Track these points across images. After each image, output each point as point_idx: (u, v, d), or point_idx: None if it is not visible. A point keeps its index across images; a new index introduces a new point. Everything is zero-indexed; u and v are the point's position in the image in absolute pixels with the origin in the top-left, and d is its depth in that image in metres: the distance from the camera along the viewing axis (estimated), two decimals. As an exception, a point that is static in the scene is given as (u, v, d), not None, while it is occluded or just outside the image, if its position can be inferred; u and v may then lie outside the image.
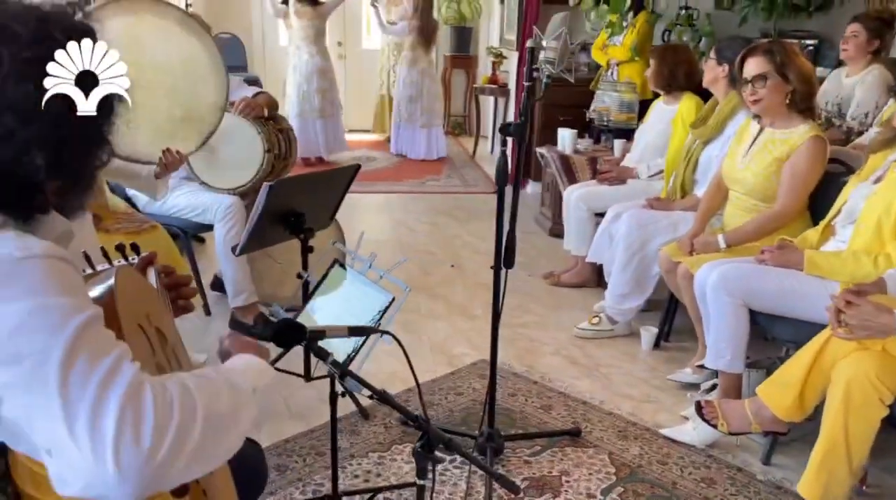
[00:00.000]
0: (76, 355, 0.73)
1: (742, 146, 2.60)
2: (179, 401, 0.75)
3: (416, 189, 5.82)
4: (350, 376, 1.43)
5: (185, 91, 2.54)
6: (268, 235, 2.40)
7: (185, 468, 0.75)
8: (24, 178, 0.83)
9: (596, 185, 3.67)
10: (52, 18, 0.87)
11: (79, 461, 0.70)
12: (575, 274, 3.69)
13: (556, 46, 1.93)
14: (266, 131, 3.04)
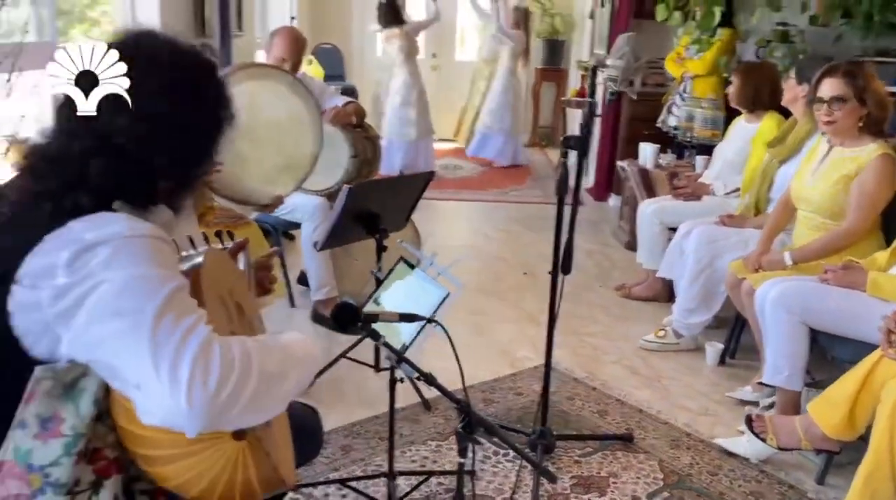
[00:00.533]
0: (164, 315, 0.91)
1: (811, 165, 2.60)
2: (240, 358, 0.93)
3: (497, 198, 5.96)
4: (404, 361, 1.58)
5: (289, 144, 2.84)
6: (346, 234, 2.60)
7: (241, 412, 0.92)
8: (147, 175, 1.03)
9: (671, 200, 3.70)
10: (190, 51, 1.09)
11: (160, 396, 0.88)
12: (646, 288, 3.72)
13: (619, 65, 2.03)
14: (353, 138, 3.25)
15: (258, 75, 2.77)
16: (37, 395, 0.98)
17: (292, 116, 2.83)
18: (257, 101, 2.73)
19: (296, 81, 2.87)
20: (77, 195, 0.99)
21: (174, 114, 1.05)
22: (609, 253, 4.52)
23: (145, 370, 0.89)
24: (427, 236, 4.69)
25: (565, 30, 8.17)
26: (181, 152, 1.07)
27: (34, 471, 0.98)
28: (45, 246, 0.95)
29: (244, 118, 2.77)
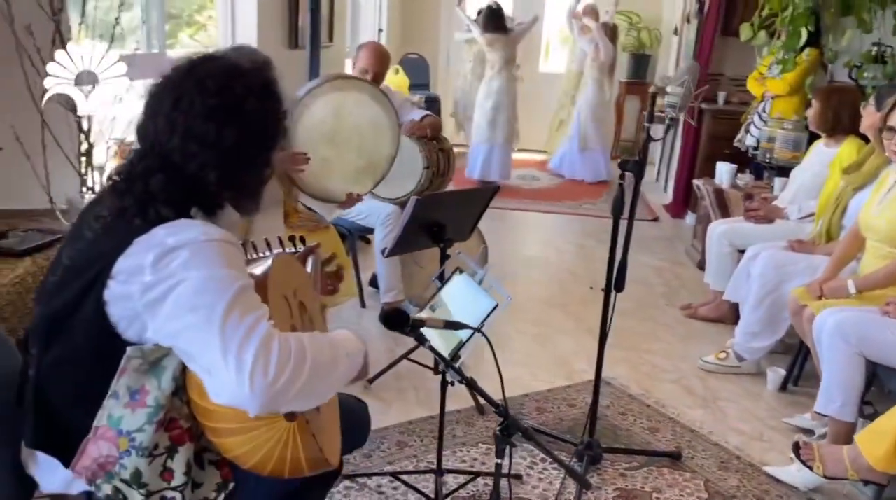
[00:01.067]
0: (232, 311, 1.07)
1: (879, 194, 2.57)
2: (296, 351, 1.08)
3: (571, 211, 6.00)
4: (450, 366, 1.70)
5: (370, 147, 3.09)
6: (413, 242, 2.74)
7: (295, 397, 1.07)
8: (204, 187, 1.20)
9: (742, 221, 3.67)
10: (239, 76, 1.22)
11: (228, 381, 1.05)
12: (713, 308, 3.71)
13: (679, 92, 2.09)
14: (427, 150, 3.41)
15: (344, 86, 3.00)
16: (128, 370, 1.16)
17: (373, 122, 3.05)
18: (342, 109, 2.97)
19: (377, 91, 3.08)
20: (156, 207, 1.16)
21: (220, 135, 1.19)
22: (679, 272, 4.51)
23: (215, 358, 1.05)
24: (498, 246, 4.81)
25: (652, 44, 8.12)
26: (228, 168, 1.22)
27: (122, 435, 1.16)
28: (135, 248, 1.13)
29: (330, 124, 3.01)
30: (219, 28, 4.19)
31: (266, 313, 1.11)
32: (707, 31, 5.62)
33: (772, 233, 3.45)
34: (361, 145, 3.03)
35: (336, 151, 2.96)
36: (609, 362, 3.18)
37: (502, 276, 4.23)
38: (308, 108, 2.87)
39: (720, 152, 5.34)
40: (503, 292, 1.91)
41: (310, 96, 2.87)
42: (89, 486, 1.18)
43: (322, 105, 2.90)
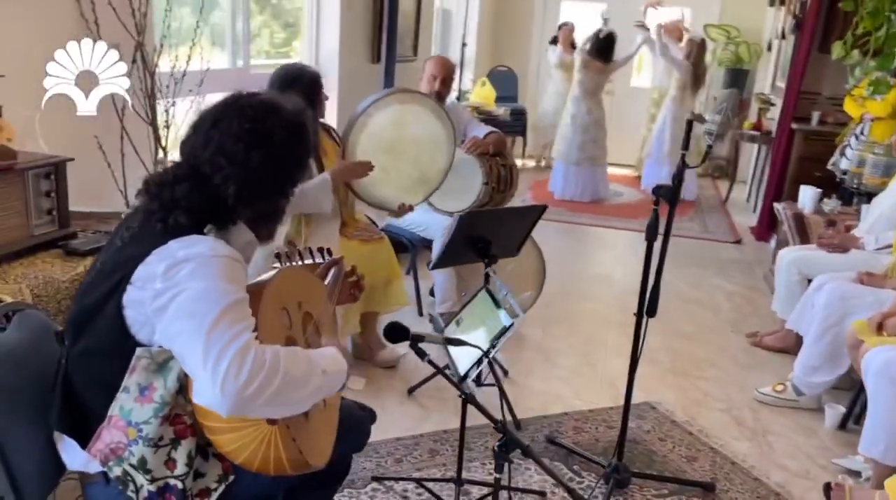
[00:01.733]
0: (220, 321, 1.18)
1: (949, 230, 2.42)
2: (270, 363, 1.18)
3: (649, 229, 5.88)
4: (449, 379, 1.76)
5: (426, 159, 3.19)
6: (458, 256, 2.82)
7: (264, 405, 1.17)
8: (222, 200, 1.32)
9: (815, 249, 3.52)
10: (275, 111, 1.37)
11: (204, 383, 1.16)
12: (779, 338, 3.58)
13: (717, 120, 2.06)
14: (487, 166, 3.48)
15: (406, 100, 3.10)
16: (137, 369, 1.30)
17: (431, 135, 3.16)
18: (402, 121, 3.08)
19: (438, 107, 3.18)
20: (177, 214, 1.30)
21: (247, 155, 1.34)
22: (753, 297, 4.35)
23: (198, 362, 1.17)
24: (565, 261, 4.82)
25: (750, 59, 7.84)
26: (247, 186, 1.34)
27: (132, 426, 1.30)
28: (152, 258, 1.27)
29: (390, 135, 3.14)
30: (303, 41, 4.42)
31: (251, 326, 1.22)
32: (802, 48, 5.39)
33: (844, 263, 3.28)
34: (418, 157, 3.14)
35: (394, 160, 3.08)
36: (659, 386, 3.16)
37: (563, 292, 4.24)
38: (371, 117, 2.98)
39: (810, 175, 5.11)
40: (517, 309, 1.95)
41: (374, 107, 2.98)
42: (103, 467, 1.32)
43: (384, 116, 3.01)
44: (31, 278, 1.78)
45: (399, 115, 3.05)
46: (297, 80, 2.77)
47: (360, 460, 2.44)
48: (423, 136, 3.12)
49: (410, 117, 3.08)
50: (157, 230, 1.31)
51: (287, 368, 1.20)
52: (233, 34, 3.68)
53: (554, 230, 5.69)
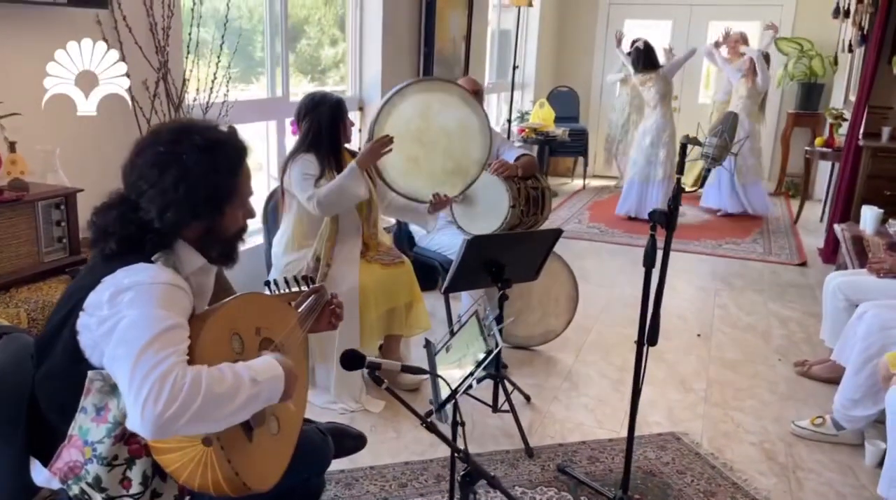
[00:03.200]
0: (149, 347, 1.23)
1: None
2: (189, 385, 1.21)
3: (707, 250, 5.69)
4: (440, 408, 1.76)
5: (458, 149, 3.18)
6: (471, 280, 2.83)
7: (188, 424, 1.20)
8: (149, 224, 1.39)
9: (865, 274, 3.31)
10: (187, 133, 1.42)
11: (129, 407, 1.21)
12: (826, 368, 3.37)
13: (714, 143, 1.98)
14: (514, 190, 3.46)
15: (433, 88, 3.10)
16: (92, 390, 1.37)
17: (461, 124, 3.15)
18: (429, 110, 3.09)
19: (466, 93, 3.16)
20: (109, 242, 1.37)
21: (161, 178, 1.39)
22: (808, 324, 4.12)
23: (125, 387, 1.23)
24: (608, 284, 4.71)
25: (825, 73, 7.48)
26: (168, 208, 1.39)
27: (87, 445, 1.37)
28: (101, 286, 1.34)
29: (417, 124, 3.18)
30: (349, 68, 4.55)
31: (181, 351, 1.26)
32: (869, 61, 5.11)
33: (893, 290, 3.08)
34: (449, 147, 3.14)
35: (424, 151, 3.09)
36: (689, 416, 3.05)
37: (602, 315, 4.15)
38: (396, 107, 3.00)
39: (880, 193, 4.85)
40: (497, 337, 1.93)
41: (398, 95, 3.00)
42: (63, 485, 1.40)
43: (409, 105, 3.02)
44: (32, 302, 1.91)
45: (424, 104, 3.05)
46: (321, 104, 2.87)
47: (364, 483, 2.47)
48: (453, 125, 3.12)
49: (438, 106, 3.07)
50: (100, 258, 1.38)
51: (210, 386, 1.24)
52: (272, 60, 3.82)
53: (608, 252, 5.59)
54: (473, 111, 3.16)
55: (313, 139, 2.89)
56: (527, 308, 3.60)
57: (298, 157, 2.88)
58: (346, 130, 2.99)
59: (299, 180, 2.83)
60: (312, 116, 2.90)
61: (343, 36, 4.49)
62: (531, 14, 7.72)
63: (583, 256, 5.36)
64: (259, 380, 1.32)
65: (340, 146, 2.98)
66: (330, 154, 2.92)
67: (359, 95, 4.56)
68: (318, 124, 2.89)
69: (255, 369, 1.33)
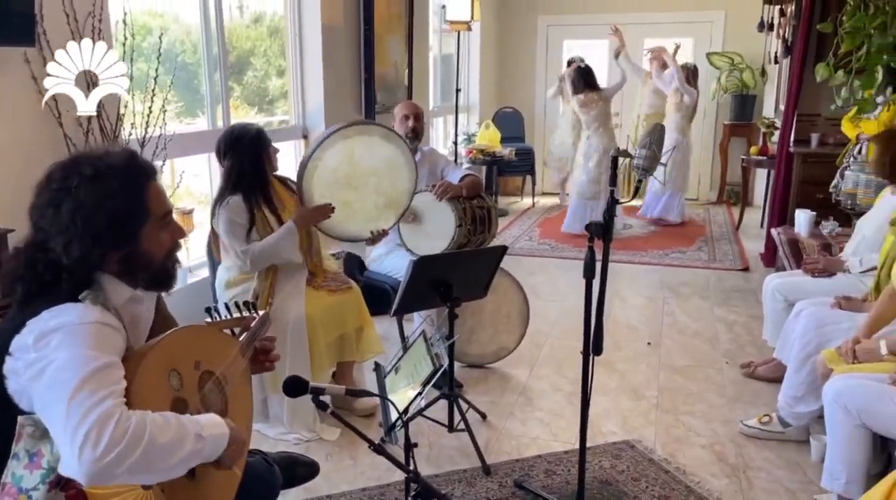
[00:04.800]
0: (82, 389, 1.20)
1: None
2: (132, 431, 1.18)
3: (654, 260, 5.80)
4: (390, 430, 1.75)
5: (387, 184, 3.24)
6: (420, 301, 2.83)
7: (126, 472, 1.17)
8: (58, 262, 1.35)
9: (800, 275, 3.42)
10: (72, 165, 1.39)
11: (64, 451, 1.17)
12: (772, 367, 3.46)
13: (644, 154, 2.04)
14: (460, 209, 3.49)
15: (351, 134, 3.08)
16: (23, 436, 1.33)
17: (387, 160, 3.20)
18: (354, 155, 3.10)
19: (386, 130, 3.20)
20: (21, 288, 1.34)
21: (57, 214, 1.35)
22: (753, 326, 4.23)
23: (59, 430, 1.19)
24: (559, 297, 4.77)
25: (755, 84, 7.77)
26: (72, 243, 1.35)
27: (22, 492, 1.33)
28: (26, 328, 1.30)
29: (345, 171, 3.17)
30: (291, 97, 4.54)
31: (118, 391, 1.23)
32: (795, 71, 5.32)
33: (828, 288, 3.19)
34: (379, 185, 3.20)
35: (356, 194, 3.13)
36: (642, 423, 3.09)
37: (553, 330, 4.19)
38: (321, 160, 3.01)
39: (812, 198, 5.01)
40: (443, 355, 1.93)
41: (320, 149, 3.00)
42: (0, 533, 1.34)
43: (333, 155, 3.04)
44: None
45: (348, 150, 3.08)
46: (239, 139, 2.84)
47: (321, 512, 2.43)
48: (379, 163, 3.17)
49: (360, 149, 3.10)
50: (21, 302, 1.35)
51: (153, 435, 1.21)
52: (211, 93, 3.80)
53: (558, 267, 5.66)
54: (395, 145, 3.21)
55: (237, 179, 2.84)
56: (479, 326, 3.61)
57: (225, 202, 2.83)
58: (270, 160, 2.95)
59: (229, 231, 2.81)
60: (233, 154, 2.86)
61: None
62: (471, 38, 7.84)
63: (534, 272, 5.41)
64: (204, 435, 1.29)
65: (266, 180, 2.94)
66: (257, 191, 2.88)
67: (302, 124, 4.56)
68: (239, 163, 2.85)
69: (201, 423, 1.31)
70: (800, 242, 4.15)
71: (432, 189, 3.51)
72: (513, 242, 6.41)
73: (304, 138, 4.58)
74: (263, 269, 2.90)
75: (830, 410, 2.09)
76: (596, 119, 6.55)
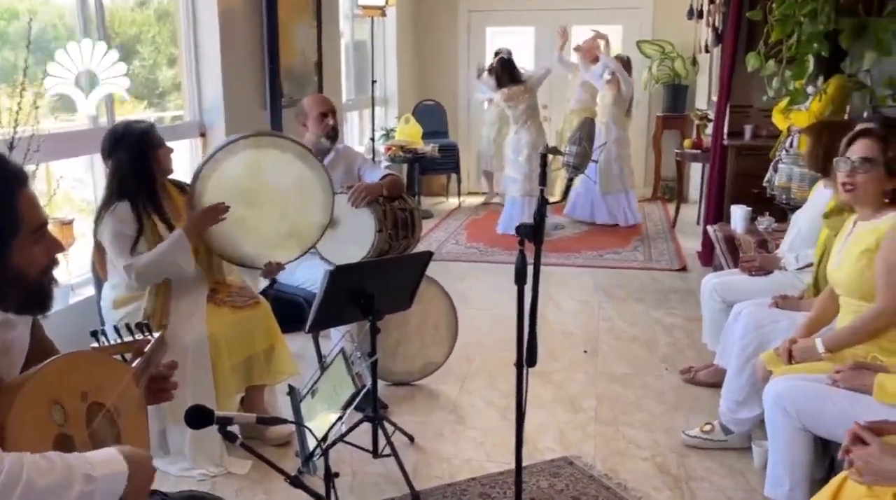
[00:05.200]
0: None
1: (839, 242, 2.50)
2: (4, 477, 1.13)
3: (588, 262, 5.95)
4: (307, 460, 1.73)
5: (294, 211, 3.11)
6: (338, 315, 2.81)
7: None
8: None
9: (737, 274, 3.58)
10: None
11: None
12: (712, 372, 3.60)
13: (574, 151, 2.10)
14: (380, 212, 3.49)
15: (263, 144, 3.01)
16: None
17: (298, 183, 3.08)
18: (259, 168, 3.00)
19: (303, 150, 3.10)
20: None
21: None
22: (691, 329, 4.39)
23: None
24: (489, 305, 4.82)
25: (687, 74, 8.09)
26: None
27: None
28: None
29: (246, 183, 3.07)
30: (185, 91, 4.43)
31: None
32: (726, 60, 5.57)
33: (766, 286, 3.35)
34: (285, 209, 3.06)
35: (253, 212, 2.99)
36: (581, 437, 3.16)
37: (484, 340, 4.24)
38: (221, 164, 2.90)
39: (747, 192, 5.24)
40: (366, 375, 1.93)
41: (223, 152, 2.91)
42: None
43: (237, 162, 2.93)
44: None
45: (254, 160, 2.97)
46: (124, 138, 2.76)
47: (232, 554, 2.37)
48: (288, 184, 3.04)
49: (269, 163, 2.99)
50: None
51: (32, 479, 1.15)
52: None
53: (488, 272, 5.72)
54: (311, 169, 3.10)
55: (119, 185, 2.76)
56: (404, 340, 3.62)
57: (112, 209, 2.74)
58: (160, 161, 2.87)
59: (113, 243, 2.72)
60: (116, 156, 2.78)
61: (182, 55, 4.39)
62: (387, 24, 7.85)
63: (462, 278, 5.46)
64: (95, 476, 1.24)
65: (154, 185, 2.86)
66: (144, 197, 2.80)
67: (199, 120, 4.45)
68: (120, 165, 2.76)
69: (91, 462, 1.26)
70: (736, 240, 4.34)
71: (348, 191, 3.49)
72: (438, 246, 6.45)
73: (201, 136, 4.47)
74: (154, 285, 2.81)
75: (770, 413, 2.20)
76: (524, 113, 6.68)
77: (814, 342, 2.49)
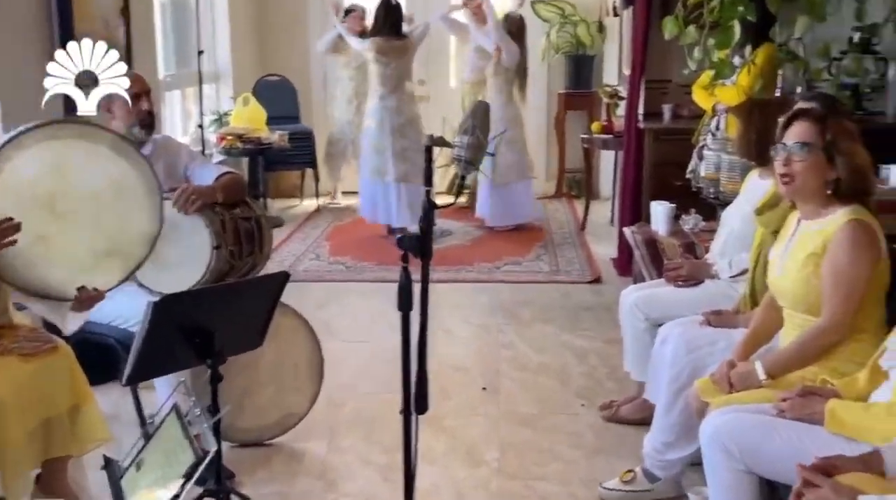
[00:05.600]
0: None
1: (782, 244, 2.67)
2: None
3: (483, 276, 6.07)
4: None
5: (112, 221, 3.00)
6: (166, 361, 2.73)
7: None
8: None
9: (662, 284, 3.73)
10: None
11: None
12: (637, 406, 3.73)
13: (466, 142, 2.12)
14: (217, 223, 3.41)
15: (65, 134, 2.90)
16: None
17: (116, 184, 2.98)
18: (65, 166, 2.89)
19: (122, 141, 3.02)
20: None
21: None
22: (611, 354, 4.53)
23: None
24: (362, 338, 4.82)
25: (593, 42, 8.37)
26: None
27: None
28: None
29: (47, 187, 2.94)
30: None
31: None
32: (638, 26, 5.81)
33: (698, 299, 3.48)
34: (99, 219, 2.96)
35: (58, 225, 2.87)
36: (482, 497, 3.21)
37: (358, 381, 4.23)
38: (12, 163, 2.76)
39: (669, 185, 5.46)
40: (211, 442, 1.90)
41: (11, 146, 2.76)
42: None
43: (29, 160, 2.80)
44: None
45: (54, 157, 2.85)
46: None
47: None
48: (102, 185, 2.95)
49: (75, 160, 2.89)
50: None
51: None
52: None
53: (358, 293, 5.71)
54: (132, 165, 3.01)
55: None
56: (255, 387, 3.55)
57: None
58: None
59: None
60: None
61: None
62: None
63: (326, 303, 5.44)
64: None
65: None
66: None
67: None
68: None
69: None
70: (658, 243, 4.53)
71: (172, 194, 3.38)
72: (294, 263, 6.40)
73: (-29, 129, 4.25)
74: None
75: (709, 454, 2.31)
76: (394, 74, 6.76)
77: (753, 366, 2.63)
